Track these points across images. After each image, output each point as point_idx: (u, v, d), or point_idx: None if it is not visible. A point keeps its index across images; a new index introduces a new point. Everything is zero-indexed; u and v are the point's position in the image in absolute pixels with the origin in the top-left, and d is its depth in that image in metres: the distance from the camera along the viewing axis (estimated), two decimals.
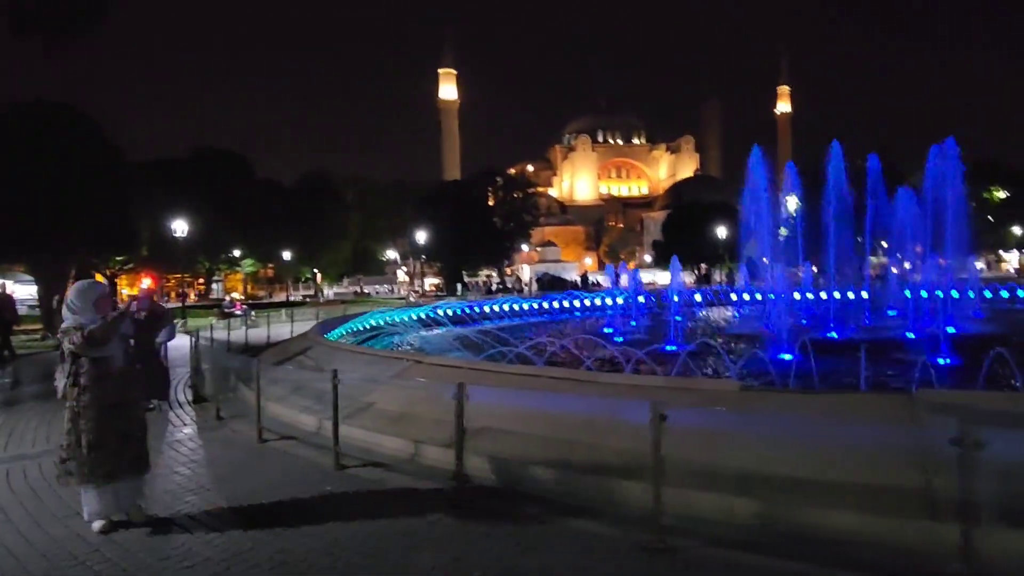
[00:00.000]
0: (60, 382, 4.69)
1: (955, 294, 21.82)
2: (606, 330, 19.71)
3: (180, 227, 24.86)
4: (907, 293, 23.70)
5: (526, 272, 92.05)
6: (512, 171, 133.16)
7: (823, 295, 24.76)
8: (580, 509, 4.72)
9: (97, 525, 4.58)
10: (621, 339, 16.38)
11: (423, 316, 20.85)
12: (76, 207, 17.98)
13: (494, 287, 57.72)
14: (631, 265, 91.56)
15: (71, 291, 4.88)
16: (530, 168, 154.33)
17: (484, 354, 12.32)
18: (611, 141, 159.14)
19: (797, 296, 26.03)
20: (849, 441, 4.69)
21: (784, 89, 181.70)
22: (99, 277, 40.79)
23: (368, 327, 17.87)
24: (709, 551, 4.07)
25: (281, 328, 21.46)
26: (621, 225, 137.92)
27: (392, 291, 64.45)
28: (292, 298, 53.08)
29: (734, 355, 13.43)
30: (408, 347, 15.08)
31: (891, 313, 21.51)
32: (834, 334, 15.84)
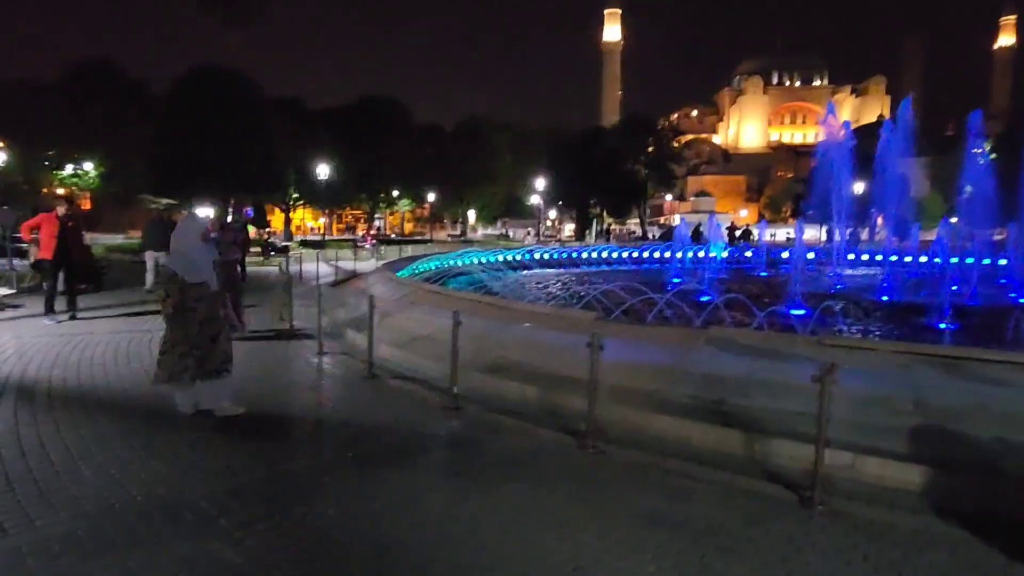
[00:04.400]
0: (166, 294, 5.54)
1: None
2: (675, 279, 20.78)
3: (323, 171, 29.33)
4: None
5: (677, 221, 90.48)
6: (674, 117, 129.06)
7: (954, 260, 23.48)
8: (429, 383, 6.95)
9: (189, 409, 5.61)
10: (673, 287, 17.59)
11: (512, 259, 23.19)
12: (235, 155, 22.58)
13: (627, 237, 58.55)
14: (790, 220, 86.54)
15: (182, 225, 5.76)
16: (694, 113, 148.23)
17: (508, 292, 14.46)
18: (787, 83, 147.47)
19: (914, 260, 24.86)
20: (638, 357, 6.36)
21: (1008, 19, 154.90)
22: (276, 211, 48.38)
23: (454, 265, 20.58)
24: (488, 415, 6.06)
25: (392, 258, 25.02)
26: (790, 175, 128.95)
27: (531, 234, 67.51)
28: (436, 237, 58.07)
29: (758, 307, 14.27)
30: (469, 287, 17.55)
31: (1001, 282, 20.30)
32: (885, 297, 15.86)
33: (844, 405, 5.17)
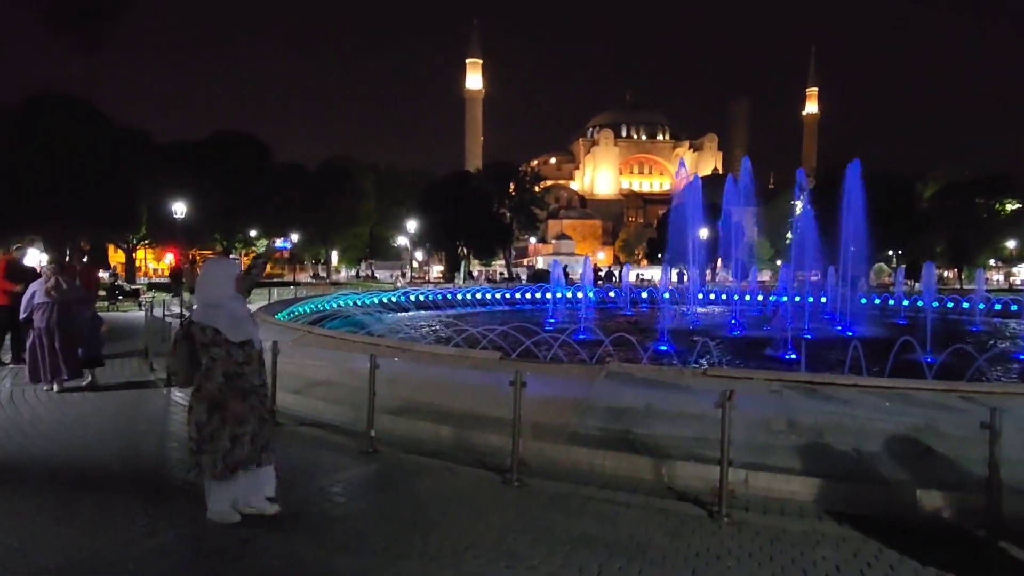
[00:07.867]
0: (184, 368, 4.39)
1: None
2: (551, 320, 21.72)
3: (179, 208, 27.60)
4: (863, 300, 26.44)
5: (540, 263, 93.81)
6: (535, 163, 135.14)
7: (785, 299, 26.55)
8: (337, 428, 6.89)
9: (233, 515, 4.29)
10: (549, 328, 18.39)
11: (389, 301, 23.03)
12: (78, 188, 20.67)
13: (497, 278, 60.00)
14: (643, 262, 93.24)
15: (211, 270, 4.60)
16: (552, 161, 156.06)
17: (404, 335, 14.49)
18: (634, 136, 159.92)
19: (752, 298, 28.28)
20: (545, 393, 6.70)
21: (813, 91, 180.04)
22: (113, 249, 44.16)
23: (331, 308, 20.10)
24: (405, 456, 6.12)
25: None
26: (640, 221, 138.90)
27: (404, 276, 67.07)
28: (299, 279, 56.00)
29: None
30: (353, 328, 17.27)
31: (826, 317, 23.34)
32: (736, 332, 17.76)
33: (732, 427, 5.86)
